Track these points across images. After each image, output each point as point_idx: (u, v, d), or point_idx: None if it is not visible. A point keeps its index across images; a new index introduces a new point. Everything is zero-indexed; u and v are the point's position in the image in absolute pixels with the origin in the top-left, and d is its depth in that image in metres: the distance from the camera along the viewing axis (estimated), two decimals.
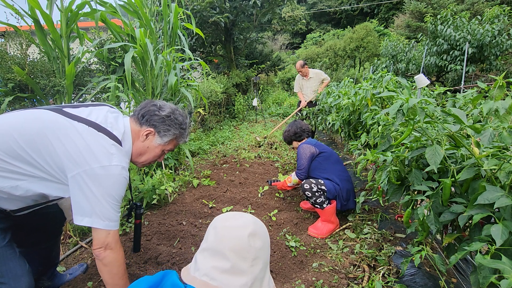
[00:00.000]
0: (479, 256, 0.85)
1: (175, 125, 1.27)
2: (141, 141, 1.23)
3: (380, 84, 2.40)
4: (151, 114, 1.23)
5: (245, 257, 0.66)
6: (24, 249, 1.32)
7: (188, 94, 3.14)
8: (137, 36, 2.76)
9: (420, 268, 1.49)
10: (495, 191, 0.90)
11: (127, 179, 1.12)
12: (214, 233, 0.70)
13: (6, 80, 2.30)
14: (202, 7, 7.49)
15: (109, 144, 1.09)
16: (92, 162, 1.02)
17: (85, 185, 1.02)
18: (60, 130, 1.04)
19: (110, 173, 1.05)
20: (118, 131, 1.16)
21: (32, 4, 2.27)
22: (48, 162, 1.02)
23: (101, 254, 1.06)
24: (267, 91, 13.57)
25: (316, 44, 23.83)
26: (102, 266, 1.08)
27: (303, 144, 2.42)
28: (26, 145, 0.99)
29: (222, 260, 0.65)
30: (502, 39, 6.90)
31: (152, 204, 2.58)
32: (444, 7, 12.81)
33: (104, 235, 1.05)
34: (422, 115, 1.09)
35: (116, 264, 1.09)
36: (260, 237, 0.71)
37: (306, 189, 2.14)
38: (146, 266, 1.78)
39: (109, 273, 1.09)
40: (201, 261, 0.68)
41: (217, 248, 0.67)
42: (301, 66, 5.06)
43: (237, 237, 0.68)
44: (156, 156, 1.29)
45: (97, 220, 1.03)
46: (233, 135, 6.10)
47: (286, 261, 1.86)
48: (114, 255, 1.08)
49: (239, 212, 0.76)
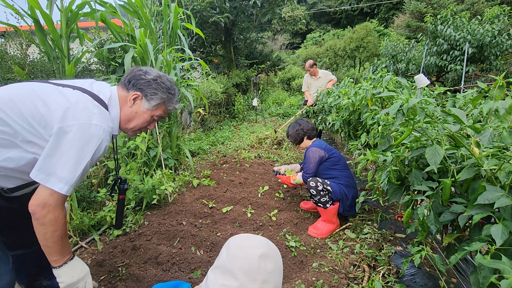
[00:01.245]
0: (479, 256, 0.85)
1: (162, 89, 1.25)
2: (128, 106, 1.22)
3: (380, 84, 2.40)
4: (137, 79, 1.22)
5: (254, 279, 0.64)
6: (16, 251, 1.32)
7: (188, 94, 3.14)
8: (137, 36, 2.76)
9: (420, 268, 1.49)
10: (495, 191, 0.90)
11: (106, 143, 1.09)
12: (226, 252, 0.69)
13: (6, 80, 2.30)
14: (202, 7, 7.49)
15: (92, 105, 1.07)
16: (71, 119, 1.00)
17: (58, 141, 0.98)
18: (44, 93, 1.04)
19: (87, 132, 1.01)
20: (104, 96, 1.15)
21: (32, 4, 2.27)
22: (32, 124, 1.00)
23: (38, 213, 0.98)
24: (267, 91, 13.58)
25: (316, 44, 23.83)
26: (37, 224, 1.00)
27: (313, 147, 2.34)
28: (10, 110, 0.98)
29: (231, 279, 0.64)
30: (502, 39, 6.90)
31: (152, 204, 2.58)
32: (444, 7, 12.81)
33: (48, 193, 0.98)
34: (422, 115, 1.09)
35: (52, 227, 1.01)
36: (271, 260, 0.69)
37: (311, 187, 2.11)
38: (146, 266, 1.78)
39: (44, 234, 1.01)
40: (211, 278, 0.67)
41: (227, 266, 0.66)
42: (310, 66, 5.18)
43: (248, 256, 0.66)
44: (145, 121, 1.27)
45: (54, 180, 0.97)
46: (233, 135, 6.10)
47: (286, 261, 1.86)
48: (52, 216, 0.99)
49: (254, 235, 0.76)
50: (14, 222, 1.27)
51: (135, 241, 2.02)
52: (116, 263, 1.80)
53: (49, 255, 1.06)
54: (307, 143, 2.50)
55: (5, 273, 1.07)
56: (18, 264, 1.36)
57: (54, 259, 1.06)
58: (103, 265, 1.79)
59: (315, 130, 2.54)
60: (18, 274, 1.39)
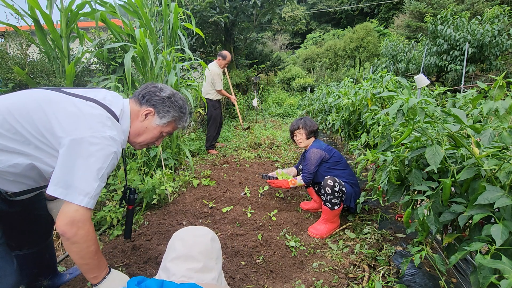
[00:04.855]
0: (479, 256, 0.85)
1: (175, 107, 1.27)
2: (140, 121, 1.23)
3: (380, 84, 2.40)
4: (151, 95, 1.23)
5: (210, 257, 0.82)
6: (18, 252, 1.33)
7: (188, 94, 3.14)
8: (137, 36, 2.76)
9: (420, 268, 1.49)
10: (495, 191, 0.90)
11: (119, 155, 1.09)
12: (181, 244, 0.83)
13: (6, 80, 2.30)
14: (202, 7, 7.49)
15: (105, 117, 1.07)
16: (85, 130, 1.00)
17: (73, 154, 0.97)
18: (57, 103, 1.03)
19: (101, 144, 1.01)
20: (117, 108, 1.15)
21: (32, 4, 2.27)
22: (43, 133, 0.99)
23: (68, 233, 0.95)
24: (267, 91, 13.58)
25: (316, 44, 23.84)
26: (69, 244, 0.98)
27: (313, 148, 2.34)
28: (21, 117, 0.98)
29: (194, 262, 0.79)
30: (502, 39, 6.91)
31: (152, 204, 2.58)
32: (444, 7, 12.81)
33: (73, 209, 0.96)
34: (422, 115, 1.09)
35: (86, 243, 0.99)
36: (217, 241, 0.89)
37: (328, 185, 2.06)
38: (146, 266, 1.78)
39: (79, 253, 0.99)
40: (174, 268, 0.79)
41: (188, 253, 0.80)
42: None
43: (203, 242, 0.84)
44: (154, 137, 1.28)
45: (73, 193, 0.95)
46: (233, 135, 6.10)
47: (286, 261, 1.86)
48: (83, 233, 0.98)
49: (194, 226, 0.93)
50: (16, 224, 1.27)
51: (135, 241, 2.02)
52: (116, 263, 1.79)
53: (88, 273, 1.04)
54: (309, 142, 2.47)
55: (10, 274, 1.07)
56: (19, 264, 1.36)
57: (93, 275, 1.05)
58: None
59: (318, 131, 2.55)
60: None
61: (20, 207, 1.19)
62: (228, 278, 1.64)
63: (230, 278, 1.64)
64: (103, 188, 1.26)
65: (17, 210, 1.19)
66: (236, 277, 1.64)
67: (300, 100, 11.27)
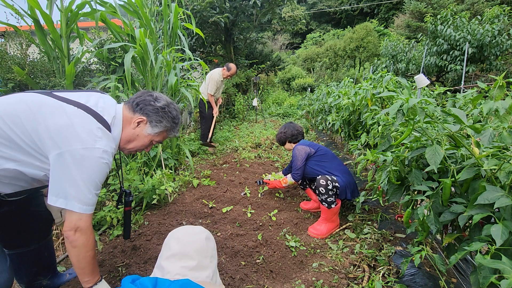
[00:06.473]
0: (479, 256, 0.85)
1: (168, 118, 1.28)
2: (131, 128, 1.23)
3: (380, 84, 2.40)
4: (146, 104, 1.23)
5: (205, 256, 0.84)
6: (15, 250, 1.33)
7: (188, 94, 3.14)
8: (137, 36, 2.76)
9: (420, 268, 1.49)
10: (495, 191, 0.90)
11: (110, 165, 1.11)
12: (177, 242, 0.85)
13: (6, 80, 2.30)
14: (202, 7, 7.49)
15: (95, 127, 1.08)
16: (75, 143, 1.01)
17: (65, 166, 1.00)
18: (48, 110, 1.04)
19: (92, 156, 1.03)
20: (108, 115, 1.15)
21: (32, 4, 2.27)
22: (34, 141, 1.01)
23: (71, 237, 1.05)
24: (267, 91, 13.58)
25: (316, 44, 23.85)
26: (71, 247, 1.07)
27: (298, 146, 2.41)
28: (13, 124, 0.99)
29: (189, 260, 0.81)
30: (502, 39, 6.91)
31: (152, 204, 2.58)
32: (444, 7, 12.81)
33: (76, 218, 1.04)
34: (422, 115, 1.09)
35: (85, 248, 1.08)
36: (212, 240, 0.91)
37: (321, 185, 2.08)
38: (146, 266, 1.78)
39: (77, 256, 1.08)
40: (169, 266, 0.80)
41: (183, 252, 0.82)
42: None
43: (198, 240, 0.86)
44: (144, 145, 1.29)
45: (72, 202, 1.02)
46: (233, 135, 6.10)
47: (286, 261, 1.85)
48: (84, 239, 1.07)
49: (189, 225, 0.96)
50: (12, 222, 1.28)
51: (135, 241, 2.02)
52: (116, 263, 1.79)
53: (82, 276, 1.12)
54: (289, 146, 2.61)
55: (2, 271, 1.08)
56: (17, 263, 1.36)
57: (87, 279, 1.12)
58: (103, 265, 1.79)
59: (301, 135, 2.60)
60: (18, 273, 1.39)
61: (14, 206, 1.20)
62: (228, 278, 1.64)
63: (230, 278, 1.64)
64: (103, 189, 1.27)
65: (12, 209, 1.20)
66: (236, 277, 1.64)
67: (300, 100, 11.27)
